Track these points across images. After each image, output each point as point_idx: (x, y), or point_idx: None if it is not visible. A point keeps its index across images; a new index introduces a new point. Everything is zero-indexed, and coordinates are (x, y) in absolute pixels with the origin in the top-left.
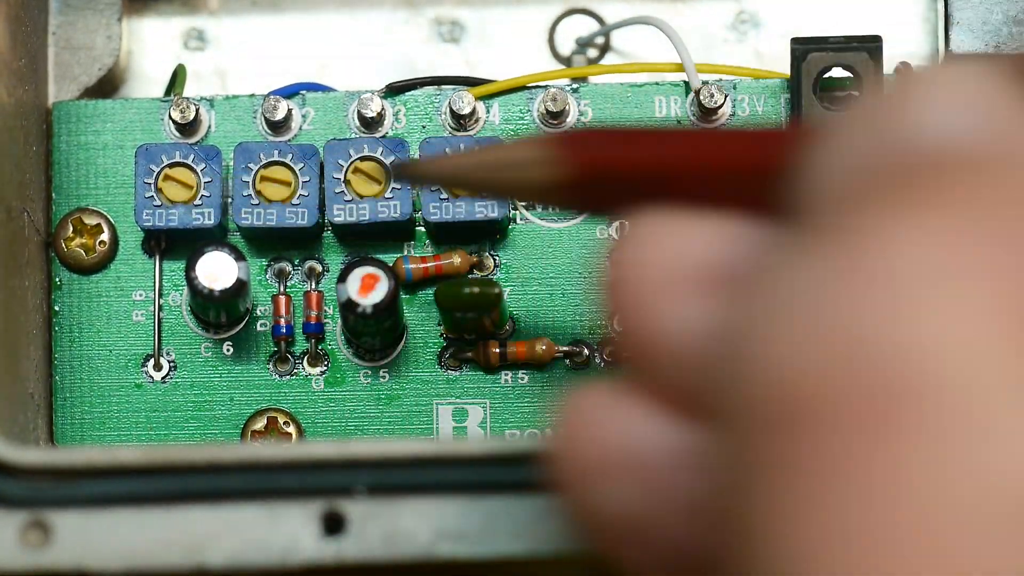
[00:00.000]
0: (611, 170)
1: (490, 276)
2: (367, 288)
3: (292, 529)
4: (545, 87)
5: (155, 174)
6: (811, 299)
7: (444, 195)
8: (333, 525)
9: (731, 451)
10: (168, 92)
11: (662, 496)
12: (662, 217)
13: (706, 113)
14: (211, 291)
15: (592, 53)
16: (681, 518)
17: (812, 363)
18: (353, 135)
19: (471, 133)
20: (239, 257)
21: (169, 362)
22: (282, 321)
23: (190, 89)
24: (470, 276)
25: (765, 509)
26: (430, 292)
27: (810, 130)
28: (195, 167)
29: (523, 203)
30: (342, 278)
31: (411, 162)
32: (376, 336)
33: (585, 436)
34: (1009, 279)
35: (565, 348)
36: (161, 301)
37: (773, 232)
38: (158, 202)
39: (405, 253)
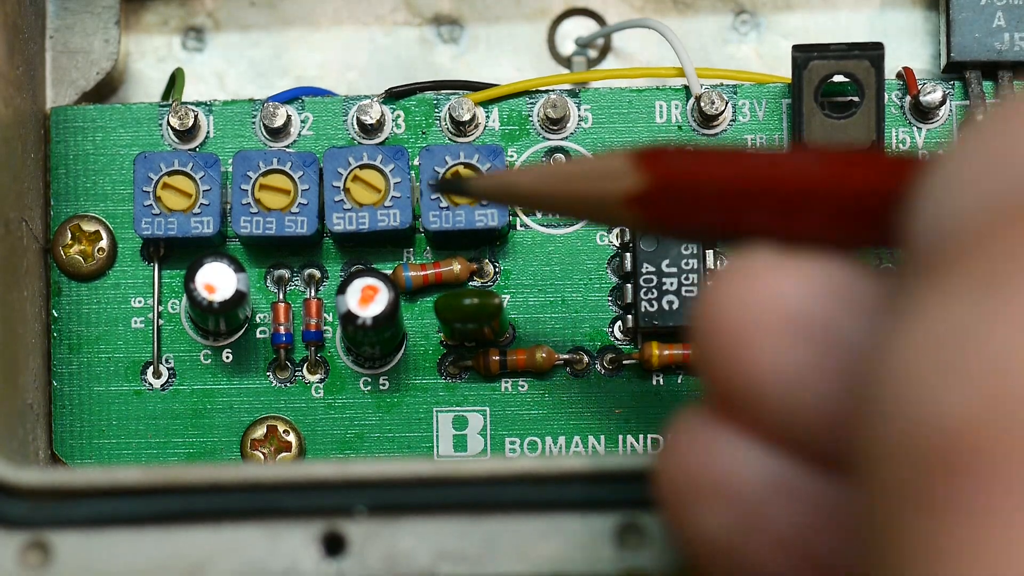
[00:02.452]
0: (691, 186)
1: (490, 283)
2: (367, 300)
3: (292, 550)
4: (546, 92)
5: (154, 182)
6: (972, 339)
7: (444, 203)
8: (333, 546)
9: (879, 488)
10: (166, 95)
11: (757, 526)
12: (758, 256)
13: (707, 119)
14: (210, 302)
15: (592, 55)
16: (774, 550)
17: (979, 407)
18: (353, 141)
19: (471, 139)
20: (238, 268)
21: (168, 369)
22: (282, 329)
23: (188, 91)
24: (470, 284)
25: (926, 552)
26: (430, 300)
27: (917, 159)
28: (194, 175)
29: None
30: (342, 289)
31: (464, 180)
32: (376, 345)
33: (690, 459)
34: None
35: (565, 356)
36: (160, 308)
37: (900, 268)
38: (157, 210)
39: (405, 261)
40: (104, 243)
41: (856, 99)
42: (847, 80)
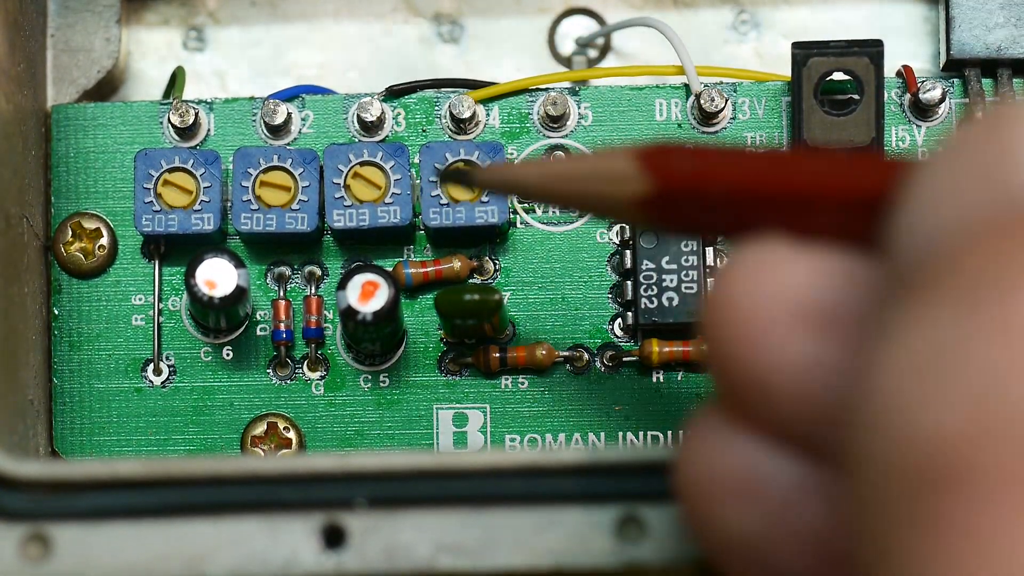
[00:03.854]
0: (698, 187)
1: (490, 280)
2: (367, 295)
3: (292, 542)
4: (545, 90)
5: (154, 179)
6: (955, 356)
7: (444, 200)
8: (333, 538)
9: (866, 502)
10: (167, 94)
11: (780, 523)
12: (766, 248)
13: (707, 116)
14: (211, 298)
15: (592, 54)
16: (797, 547)
17: (963, 423)
18: (353, 138)
19: (471, 137)
20: (239, 264)
21: (169, 367)
22: (282, 326)
23: (189, 90)
24: (470, 281)
25: (911, 567)
26: (430, 297)
27: (910, 163)
28: (194, 172)
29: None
30: (342, 285)
31: (486, 169)
32: (376, 342)
33: (701, 459)
34: None
35: (565, 353)
36: (161, 305)
37: (885, 276)
38: (157, 207)
39: (405, 258)
40: (105, 240)
41: (856, 96)
42: (847, 77)
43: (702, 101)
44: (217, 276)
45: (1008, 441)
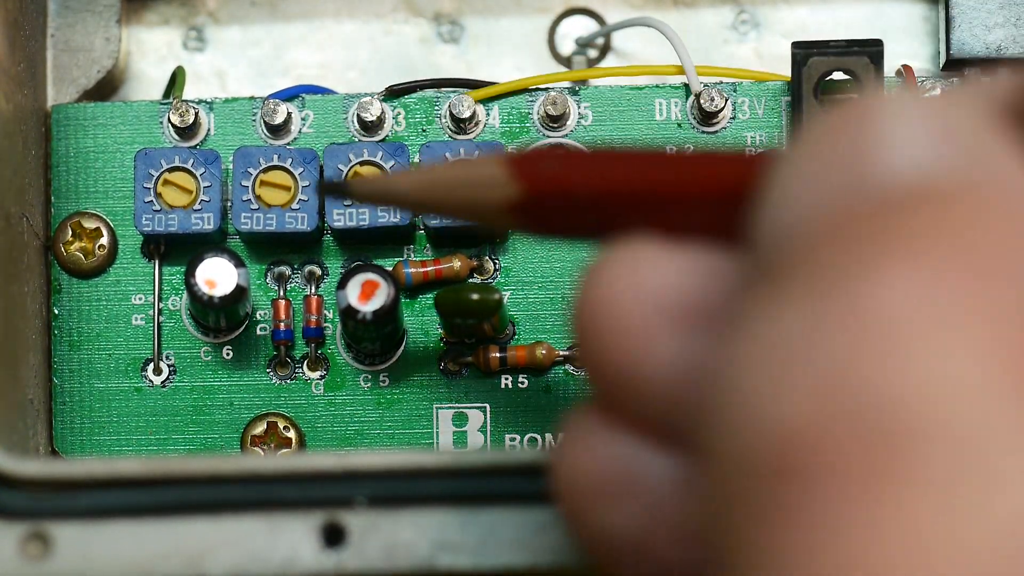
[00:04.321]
0: (566, 191)
1: (490, 280)
2: (367, 295)
3: (292, 541)
4: (545, 90)
5: (154, 179)
6: (801, 347)
7: None
8: (333, 537)
9: (718, 495)
10: (167, 94)
11: (656, 519)
12: (631, 248)
13: (706, 116)
14: (211, 297)
15: (592, 54)
16: (674, 541)
17: (808, 414)
18: (353, 138)
19: (471, 136)
20: (239, 263)
21: (169, 366)
22: (282, 325)
23: (189, 90)
24: (470, 281)
25: (759, 559)
26: (430, 297)
27: (772, 156)
28: (194, 172)
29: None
30: (342, 284)
31: (346, 183)
32: (376, 341)
33: (577, 460)
34: (1002, 318)
35: (565, 352)
36: (161, 305)
37: (746, 269)
38: (157, 207)
39: (405, 257)
40: (105, 240)
41: (855, 96)
42: (847, 77)
43: (702, 101)
44: (217, 275)
45: (850, 431)
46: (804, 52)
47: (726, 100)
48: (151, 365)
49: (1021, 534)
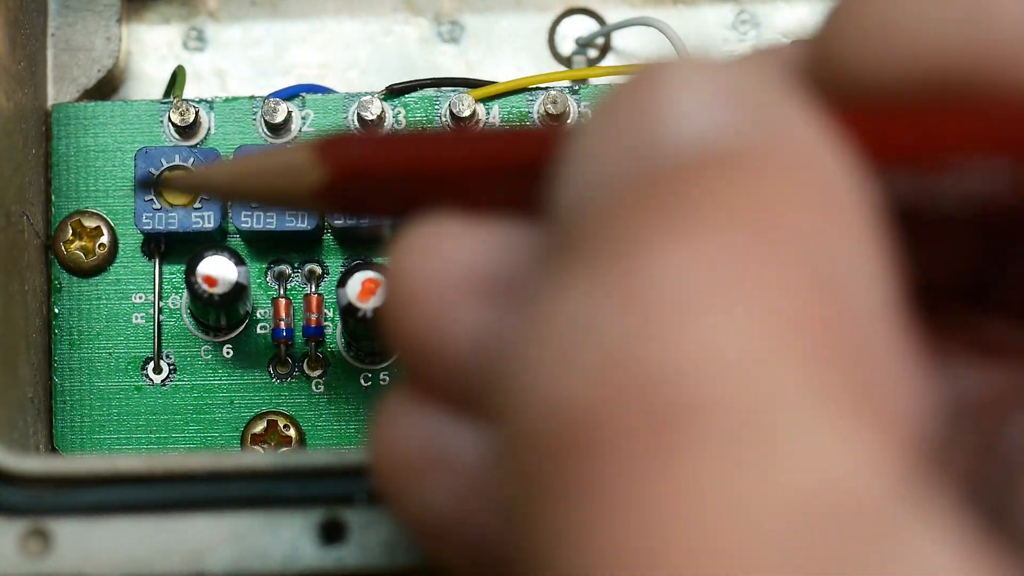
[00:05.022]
0: (369, 173)
1: None
2: (367, 292)
3: (292, 537)
4: (545, 89)
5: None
6: (576, 321)
7: None
8: (333, 533)
9: (507, 473)
10: (167, 93)
11: (469, 493)
12: (434, 223)
13: None
14: (211, 295)
15: (592, 54)
16: (489, 512)
17: (589, 391)
18: None
19: None
20: (239, 261)
21: (169, 365)
22: (282, 324)
23: (190, 90)
24: None
25: (543, 537)
26: None
27: (569, 129)
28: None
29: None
30: (342, 282)
31: (163, 177)
32: (377, 339)
33: (391, 438)
34: (778, 287)
35: None
36: (161, 304)
37: (543, 240)
38: (158, 206)
39: None
40: (105, 239)
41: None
42: None
43: None
44: (217, 274)
45: (629, 407)
46: None
47: None
48: (151, 364)
49: (799, 502)
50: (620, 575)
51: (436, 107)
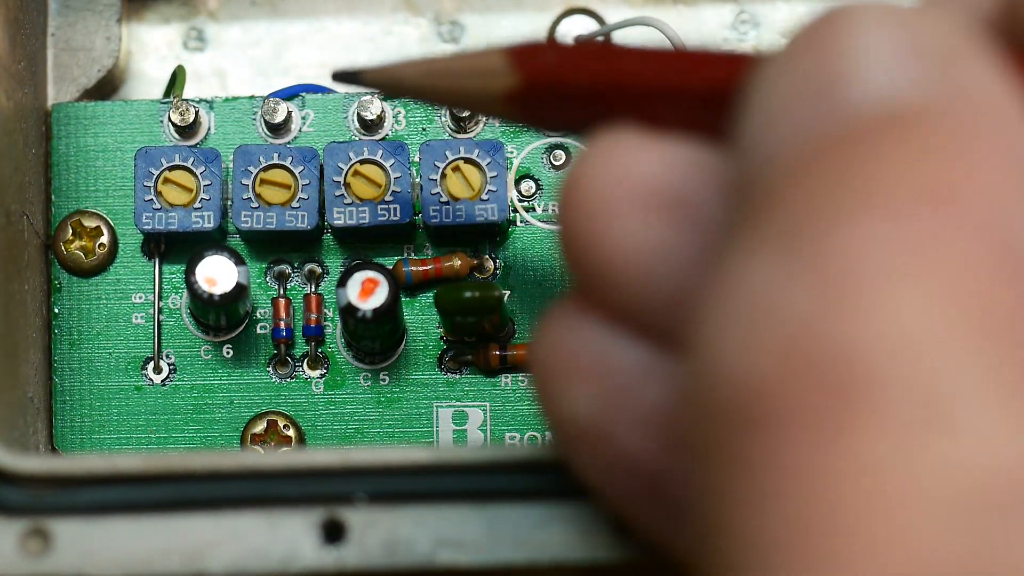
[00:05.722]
0: (561, 82)
1: (490, 279)
2: (367, 292)
3: (292, 537)
4: None
5: (154, 177)
6: (764, 295)
7: (445, 198)
8: (333, 533)
9: (690, 423)
10: (167, 93)
11: (620, 404)
12: (618, 136)
13: None
14: (211, 295)
15: None
16: (635, 428)
17: (771, 366)
18: (353, 137)
19: (471, 135)
20: (239, 261)
21: (169, 365)
22: (282, 324)
23: (189, 90)
24: (470, 279)
25: (725, 505)
26: (430, 295)
27: (755, 60)
28: (195, 170)
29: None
30: (342, 282)
31: (358, 70)
32: (376, 339)
33: (553, 340)
34: (963, 265)
35: None
36: (161, 304)
37: (723, 173)
38: (158, 205)
39: (405, 256)
40: (105, 239)
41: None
42: None
43: None
44: (217, 273)
45: (809, 383)
46: None
47: None
48: (151, 363)
49: (975, 483)
50: (798, 544)
51: (436, 107)
